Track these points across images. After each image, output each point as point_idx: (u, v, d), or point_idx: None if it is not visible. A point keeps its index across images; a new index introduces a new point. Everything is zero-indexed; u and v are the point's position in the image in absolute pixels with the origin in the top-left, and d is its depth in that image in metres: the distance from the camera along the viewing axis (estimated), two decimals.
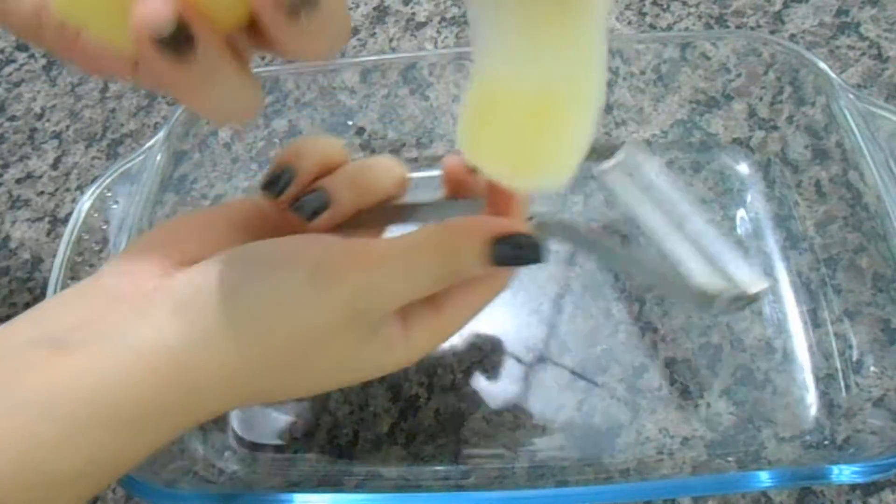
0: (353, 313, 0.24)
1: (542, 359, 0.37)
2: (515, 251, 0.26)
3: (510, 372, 0.37)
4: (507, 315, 0.39)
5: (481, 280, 0.27)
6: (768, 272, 0.39)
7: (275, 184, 0.29)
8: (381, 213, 0.31)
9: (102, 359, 0.22)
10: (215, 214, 0.29)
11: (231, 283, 0.24)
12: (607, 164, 0.33)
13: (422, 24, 0.51)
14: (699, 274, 0.29)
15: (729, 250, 0.29)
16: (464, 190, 0.31)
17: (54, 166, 0.47)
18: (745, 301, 0.29)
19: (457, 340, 0.38)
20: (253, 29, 0.21)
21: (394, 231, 0.30)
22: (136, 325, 0.23)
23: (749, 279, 0.28)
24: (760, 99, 0.43)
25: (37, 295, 0.43)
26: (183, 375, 0.23)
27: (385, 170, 0.31)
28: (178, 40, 0.18)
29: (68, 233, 0.35)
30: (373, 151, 0.45)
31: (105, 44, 0.21)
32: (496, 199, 0.28)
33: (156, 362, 0.23)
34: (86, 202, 0.36)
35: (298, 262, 0.24)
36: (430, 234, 0.26)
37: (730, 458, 0.34)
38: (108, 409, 0.22)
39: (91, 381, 0.22)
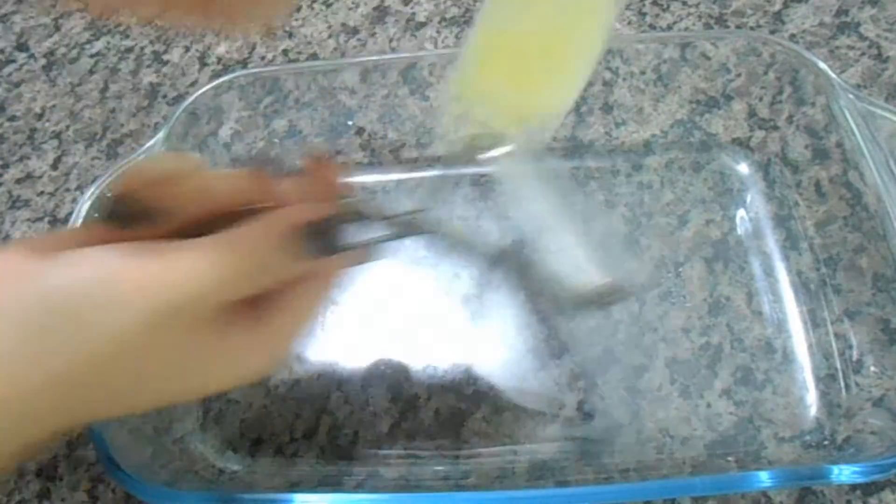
0: (154, 315, 0.23)
1: (542, 359, 0.37)
2: (324, 238, 0.25)
3: (510, 372, 0.37)
4: (507, 315, 0.39)
5: (304, 281, 0.27)
6: (768, 272, 0.39)
7: (116, 214, 0.27)
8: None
9: None
10: (66, 235, 0.28)
11: (26, 301, 0.23)
12: (500, 153, 0.31)
13: (422, 25, 0.51)
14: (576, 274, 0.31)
15: (585, 246, 0.31)
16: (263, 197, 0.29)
17: (54, 166, 0.47)
18: (613, 296, 0.31)
19: (457, 340, 0.38)
20: None
21: None
22: None
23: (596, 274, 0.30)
24: (760, 99, 0.43)
25: None
26: None
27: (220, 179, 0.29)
28: None
29: None
30: (373, 151, 0.45)
31: None
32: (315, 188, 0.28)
33: None
34: (86, 202, 0.36)
35: (96, 272, 0.23)
36: (232, 232, 0.25)
37: (730, 458, 0.34)
38: None
39: None
